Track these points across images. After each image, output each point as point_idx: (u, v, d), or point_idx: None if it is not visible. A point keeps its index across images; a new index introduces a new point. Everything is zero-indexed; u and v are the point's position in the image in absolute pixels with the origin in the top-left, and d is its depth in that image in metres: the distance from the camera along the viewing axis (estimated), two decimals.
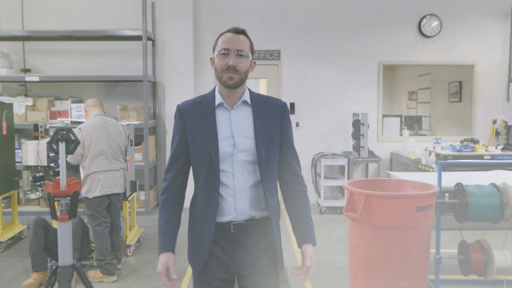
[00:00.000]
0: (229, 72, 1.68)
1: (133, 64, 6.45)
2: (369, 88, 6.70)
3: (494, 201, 3.09)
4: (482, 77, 6.72)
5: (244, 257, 1.75)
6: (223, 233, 1.72)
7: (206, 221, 1.72)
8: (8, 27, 6.51)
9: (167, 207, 1.77)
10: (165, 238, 1.75)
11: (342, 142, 6.70)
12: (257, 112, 1.76)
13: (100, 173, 3.75)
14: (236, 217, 1.72)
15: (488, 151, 5.48)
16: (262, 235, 1.77)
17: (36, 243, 3.69)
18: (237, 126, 1.74)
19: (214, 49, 1.75)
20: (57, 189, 2.53)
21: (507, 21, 6.58)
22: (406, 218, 2.92)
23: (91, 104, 4.04)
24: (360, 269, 3.10)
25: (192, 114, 1.75)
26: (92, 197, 3.74)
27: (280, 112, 1.80)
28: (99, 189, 3.73)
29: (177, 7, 6.29)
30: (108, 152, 3.82)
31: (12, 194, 4.95)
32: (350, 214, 3.05)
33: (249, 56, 1.73)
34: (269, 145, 1.74)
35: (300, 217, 1.81)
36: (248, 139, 1.72)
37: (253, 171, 1.73)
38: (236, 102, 1.76)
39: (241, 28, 1.74)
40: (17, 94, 6.57)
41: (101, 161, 3.75)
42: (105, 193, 3.77)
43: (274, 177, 1.80)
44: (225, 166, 1.71)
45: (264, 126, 1.74)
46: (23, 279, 3.81)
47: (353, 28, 6.62)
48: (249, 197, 1.72)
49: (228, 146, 1.71)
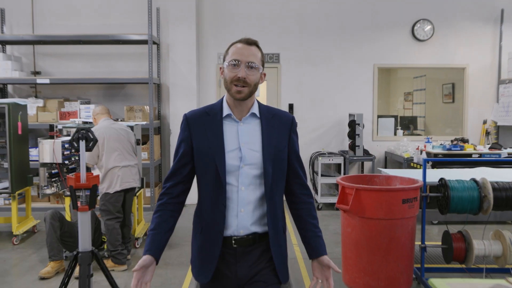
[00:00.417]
0: (238, 84, 1.65)
1: (138, 66, 6.75)
2: (365, 89, 6.99)
3: (473, 194, 3.38)
4: (473, 79, 7.01)
5: (247, 271, 1.72)
6: (225, 247, 1.70)
7: (212, 234, 1.69)
8: (19, 32, 6.81)
9: (161, 211, 1.73)
10: (151, 242, 1.68)
11: (338, 141, 6.99)
12: (265, 125, 1.73)
13: (118, 169, 4.07)
14: (237, 232, 1.69)
15: (477, 149, 5.77)
16: (265, 249, 1.73)
17: (53, 234, 3.99)
18: (245, 139, 1.71)
19: (224, 58, 1.73)
20: (78, 182, 2.81)
21: (497, 25, 6.87)
22: (392, 209, 3.21)
23: (99, 112, 4.37)
24: (351, 256, 3.39)
25: (199, 124, 1.73)
26: (113, 192, 4.05)
27: (289, 126, 1.78)
28: (119, 183, 4.05)
29: (181, 12, 6.59)
30: (121, 148, 4.14)
31: (26, 190, 5.25)
32: (342, 206, 3.35)
33: (260, 68, 1.70)
34: (276, 159, 1.71)
35: (310, 229, 1.80)
36: (255, 152, 1.69)
37: (258, 185, 1.70)
38: (244, 114, 1.73)
39: (253, 40, 1.72)
40: (28, 95, 6.87)
41: (117, 157, 4.07)
42: (125, 187, 4.09)
43: (280, 192, 1.77)
44: (230, 179, 1.68)
45: (272, 140, 1.72)
46: (39, 268, 4.11)
47: (349, 32, 6.92)
48: (252, 212, 1.69)
49: (234, 159, 1.68)
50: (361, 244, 3.30)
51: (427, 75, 8.02)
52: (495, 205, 3.36)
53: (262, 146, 1.70)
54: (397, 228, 3.25)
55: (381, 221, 3.23)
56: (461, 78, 7.13)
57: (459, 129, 7.23)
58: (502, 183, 3.43)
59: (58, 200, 6.40)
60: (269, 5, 6.86)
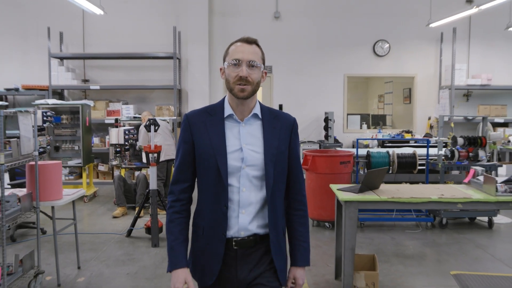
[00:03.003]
0: (240, 83, 1.63)
1: (162, 76, 8.85)
2: (337, 93, 9.09)
3: (385, 160, 5.50)
4: (420, 85, 9.12)
5: (248, 273, 1.71)
6: (226, 248, 1.68)
7: (215, 235, 1.67)
8: (73, 50, 8.92)
9: (177, 220, 1.73)
10: (177, 253, 1.69)
11: (317, 133, 9.09)
12: (267, 126, 1.72)
13: (163, 146, 6.18)
14: (237, 233, 1.68)
15: (413, 137, 7.87)
16: (266, 251, 1.72)
17: (119, 189, 6.12)
18: (247, 140, 1.69)
19: (224, 59, 1.70)
20: (150, 150, 4.94)
21: (438, 44, 8.97)
22: (334, 168, 5.32)
23: (146, 114, 6.54)
24: (309, 198, 5.48)
25: (200, 124, 1.71)
26: (161, 161, 6.15)
27: (290, 128, 1.78)
28: (163, 156, 6.14)
29: (196, 34, 8.67)
30: (163, 133, 6.25)
31: (89, 166, 7.37)
32: (304, 167, 5.45)
33: (261, 66, 1.68)
34: (277, 161, 1.70)
35: (296, 238, 1.81)
36: (257, 153, 1.68)
37: (259, 186, 1.68)
38: (246, 115, 1.71)
39: (253, 38, 1.72)
40: (79, 98, 8.98)
41: (161, 138, 6.16)
42: (167, 158, 6.21)
43: (281, 193, 1.76)
44: (231, 180, 1.66)
45: (273, 142, 1.70)
46: (108, 214, 6.22)
47: (325, 49, 9.01)
48: (253, 213, 1.68)
49: (236, 160, 1.66)
50: (316, 190, 5.41)
51: (394, 80, 10.11)
52: (398, 167, 5.49)
53: (264, 147, 1.68)
54: (337, 180, 5.34)
55: (327, 175, 5.33)
56: (412, 84, 9.24)
57: (411, 124, 9.33)
58: (403, 154, 5.56)
59: (105, 177, 8.51)
60: (264, 28, 8.94)
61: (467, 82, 8.62)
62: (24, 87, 8.33)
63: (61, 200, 3.76)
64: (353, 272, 3.48)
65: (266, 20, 8.96)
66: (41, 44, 8.72)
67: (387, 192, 3.63)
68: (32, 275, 3.56)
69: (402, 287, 3.82)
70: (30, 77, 8.72)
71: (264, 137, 1.70)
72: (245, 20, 8.98)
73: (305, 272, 1.82)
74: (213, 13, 8.90)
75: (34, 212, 3.58)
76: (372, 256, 3.76)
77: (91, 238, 5.15)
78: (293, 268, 1.81)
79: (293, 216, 1.82)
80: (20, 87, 8.30)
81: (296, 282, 1.80)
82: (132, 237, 5.19)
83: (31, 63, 8.86)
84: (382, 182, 3.85)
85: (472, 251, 4.71)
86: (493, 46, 8.93)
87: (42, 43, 8.68)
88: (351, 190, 3.66)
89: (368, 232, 5.41)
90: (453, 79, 8.48)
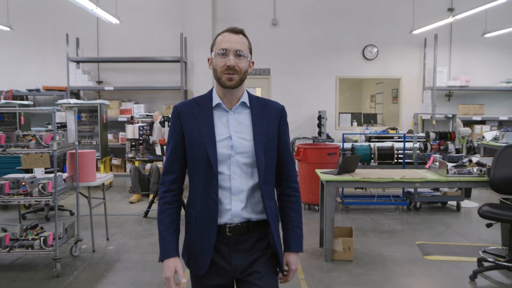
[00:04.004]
0: (228, 72, 1.65)
1: (169, 77, 9.68)
2: (330, 94, 9.93)
3: (367, 152, 6.35)
4: (406, 86, 9.96)
5: (242, 260, 1.73)
6: (220, 236, 1.70)
7: (207, 223, 1.69)
8: (88, 54, 9.76)
9: (168, 211, 1.75)
10: (168, 244, 1.73)
11: (311, 130, 9.93)
12: (256, 115, 1.74)
13: None
14: (231, 220, 1.70)
15: (397, 133, 8.71)
16: (260, 238, 1.75)
17: (135, 178, 6.97)
18: (235, 128, 1.71)
19: (211, 49, 1.72)
20: (164, 143, 5.78)
21: (422, 49, 9.81)
22: (322, 158, 6.16)
23: (157, 114, 7.36)
24: (301, 185, 6.32)
25: (189, 115, 1.73)
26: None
27: (278, 115, 1.80)
28: None
29: (200, 39, 9.49)
30: None
31: (105, 159, 8.22)
32: (296, 157, 6.29)
33: (248, 56, 1.72)
34: (267, 148, 1.72)
35: (289, 224, 1.83)
36: (246, 141, 1.70)
37: (250, 173, 1.71)
38: (234, 104, 1.73)
39: (239, 28, 1.75)
40: (93, 98, 9.83)
41: None
42: None
43: (272, 180, 1.79)
44: (222, 168, 1.68)
45: (262, 129, 1.72)
46: (125, 201, 7.06)
47: (319, 53, 9.85)
48: (245, 200, 1.70)
49: (226, 148, 1.68)
50: (307, 177, 6.24)
51: (384, 82, 10.93)
52: (379, 158, 6.34)
53: (253, 134, 1.70)
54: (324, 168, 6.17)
55: (316, 164, 6.15)
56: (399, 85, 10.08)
57: (398, 121, 10.17)
58: (383, 146, 6.40)
59: (118, 170, 9.35)
60: (262, 34, 9.77)
61: (448, 84, 9.46)
62: (44, 88, 9.18)
63: (95, 181, 4.60)
64: (333, 238, 4.32)
65: (265, 27, 9.80)
66: (58, 49, 9.56)
67: (360, 174, 4.48)
68: (73, 242, 4.41)
69: (374, 253, 4.65)
70: (48, 79, 9.57)
71: (253, 124, 1.73)
72: (245, 27, 9.47)
73: (298, 258, 1.86)
74: (216, 19, 9.74)
75: (74, 191, 4.42)
76: (350, 228, 4.61)
77: (114, 218, 5.99)
78: (286, 253, 1.84)
79: (286, 203, 1.85)
80: (41, 88, 9.15)
81: (289, 268, 1.83)
82: (148, 218, 6.03)
83: (49, 66, 9.71)
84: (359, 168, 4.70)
85: (438, 228, 5.56)
86: (471, 50, 9.78)
87: (59, 47, 9.52)
88: (331, 173, 4.51)
89: (352, 214, 6.25)
90: (435, 80, 9.32)
